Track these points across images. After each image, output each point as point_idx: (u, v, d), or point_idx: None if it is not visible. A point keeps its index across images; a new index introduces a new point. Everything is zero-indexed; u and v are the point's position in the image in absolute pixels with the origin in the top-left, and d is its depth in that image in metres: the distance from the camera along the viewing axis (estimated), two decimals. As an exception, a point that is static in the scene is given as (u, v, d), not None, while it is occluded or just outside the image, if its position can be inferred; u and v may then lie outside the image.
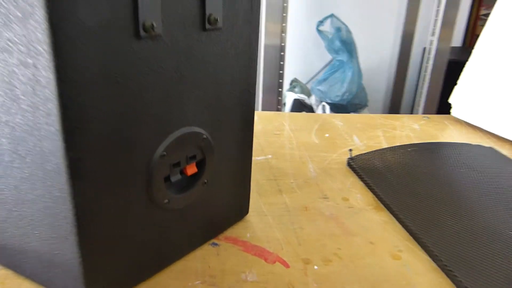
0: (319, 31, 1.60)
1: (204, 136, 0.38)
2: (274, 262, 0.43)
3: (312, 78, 1.89)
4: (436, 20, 1.57)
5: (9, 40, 0.27)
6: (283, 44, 1.78)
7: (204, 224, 0.43)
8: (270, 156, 0.66)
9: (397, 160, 0.64)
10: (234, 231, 0.47)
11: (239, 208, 0.48)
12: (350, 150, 0.64)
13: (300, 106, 1.69)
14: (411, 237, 0.48)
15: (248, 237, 0.46)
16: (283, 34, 1.76)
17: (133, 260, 0.37)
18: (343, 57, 1.61)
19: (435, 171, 0.61)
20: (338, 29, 1.57)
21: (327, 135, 0.75)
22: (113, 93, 0.30)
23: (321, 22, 1.58)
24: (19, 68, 0.28)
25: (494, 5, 0.83)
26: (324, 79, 1.69)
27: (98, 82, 0.29)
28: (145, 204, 0.36)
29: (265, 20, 1.73)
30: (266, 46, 1.78)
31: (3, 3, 0.26)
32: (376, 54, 1.86)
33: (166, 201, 0.37)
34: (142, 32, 0.30)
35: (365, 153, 0.65)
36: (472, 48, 0.85)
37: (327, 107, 1.65)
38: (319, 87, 1.67)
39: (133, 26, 0.30)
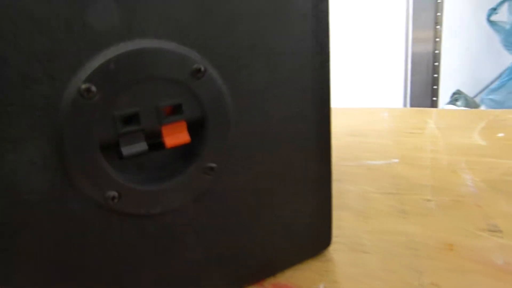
0: (491, 22, 1.23)
1: (199, 67, 0.18)
2: None
3: (483, 89, 1.49)
4: None
5: None
6: (437, 51, 1.46)
7: (228, 256, 0.23)
8: (395, 160, 0.42)
9: None
10: (296, 274, 0.25)
11: (309, 235, 0.26)
12: (548, 150, 0.35)
13: (462, 122, 1.32)
14: None
15: (320, 290, 0.24)
16: (437, 39, 1.45)
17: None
18: (527, 53, 1.21)
19: None
20: (520, 17, 1.18)
21: (501, 134, 0.47)
22: None
23: (494, 10, 1.22)
24: None
25: None
26: (500, 87, 1.29)
27: None
28: (72, 200, 0.18)
29: (412, 27, 1.45)
30: (414, 55, 1.48)
31: None
32: None
33: (112, 194, 0.18)
34: None
35: None
36: None
37: (503, 122, 1.25)
38: (491, 96, 1.28)
39: None
